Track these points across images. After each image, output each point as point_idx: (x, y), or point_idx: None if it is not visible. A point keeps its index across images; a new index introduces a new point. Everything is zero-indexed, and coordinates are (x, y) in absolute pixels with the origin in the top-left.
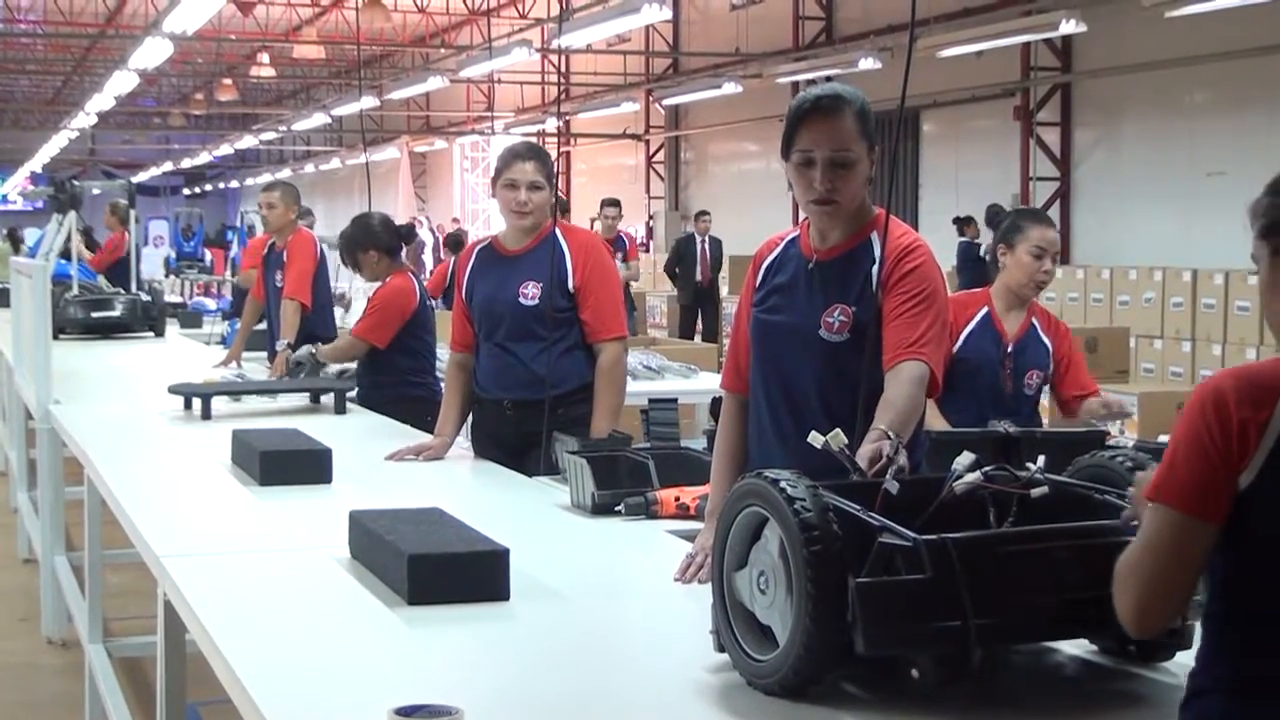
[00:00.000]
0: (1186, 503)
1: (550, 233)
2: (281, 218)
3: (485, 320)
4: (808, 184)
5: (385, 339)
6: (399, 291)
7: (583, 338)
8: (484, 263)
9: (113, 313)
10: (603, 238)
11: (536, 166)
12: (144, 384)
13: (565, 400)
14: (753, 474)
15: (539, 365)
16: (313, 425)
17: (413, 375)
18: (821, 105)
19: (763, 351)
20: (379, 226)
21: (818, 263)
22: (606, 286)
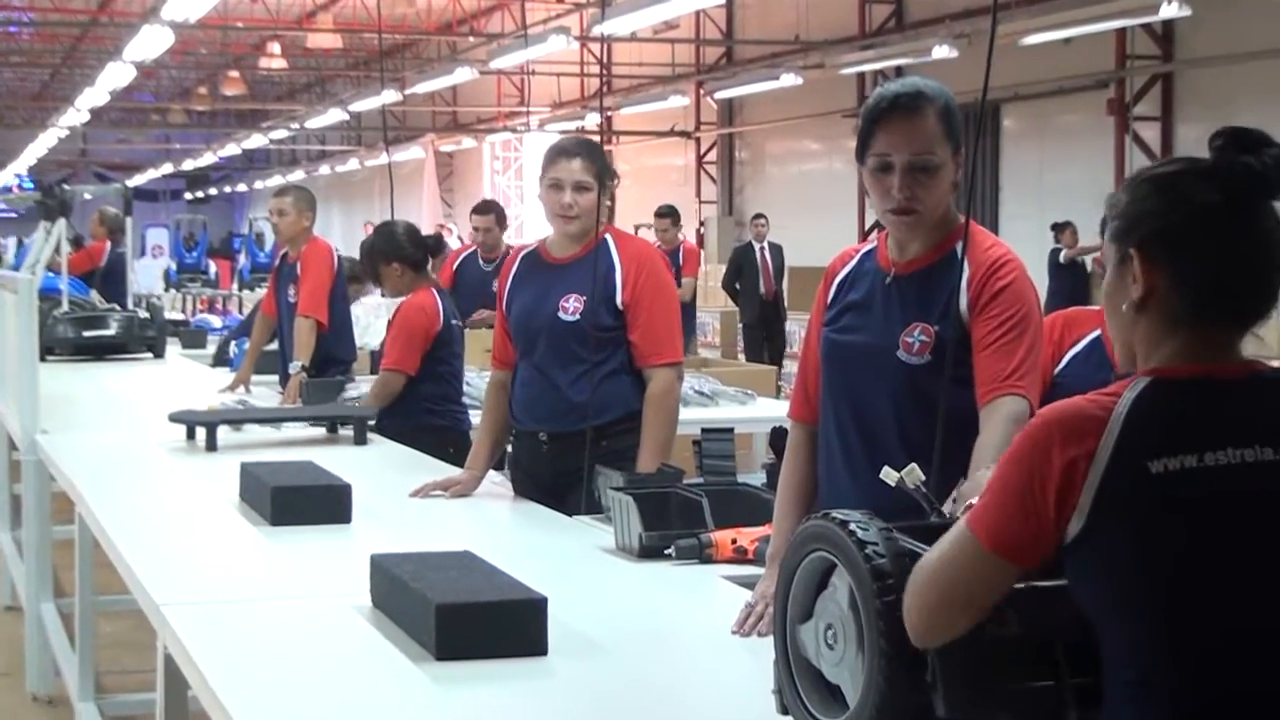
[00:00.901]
0: (995, 540)
1: (600, 241)
2: (294, 225)
3: (521, 336)
4: (885, 191)
5: (417, 364)
6: (418, 310)
7: (630, 361)
8: (526, 271)
9: (107, 331)
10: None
11: (584, 164)
12: (142, 411)
13: (608, 431)
14: (819, 514)
15: (578, 392)
16: (330, 457)
17: (434, 403)
18: (901, 104)
19: (834, 375)
20: (404, 236)
21: (896, 277)
22: (660, 304)
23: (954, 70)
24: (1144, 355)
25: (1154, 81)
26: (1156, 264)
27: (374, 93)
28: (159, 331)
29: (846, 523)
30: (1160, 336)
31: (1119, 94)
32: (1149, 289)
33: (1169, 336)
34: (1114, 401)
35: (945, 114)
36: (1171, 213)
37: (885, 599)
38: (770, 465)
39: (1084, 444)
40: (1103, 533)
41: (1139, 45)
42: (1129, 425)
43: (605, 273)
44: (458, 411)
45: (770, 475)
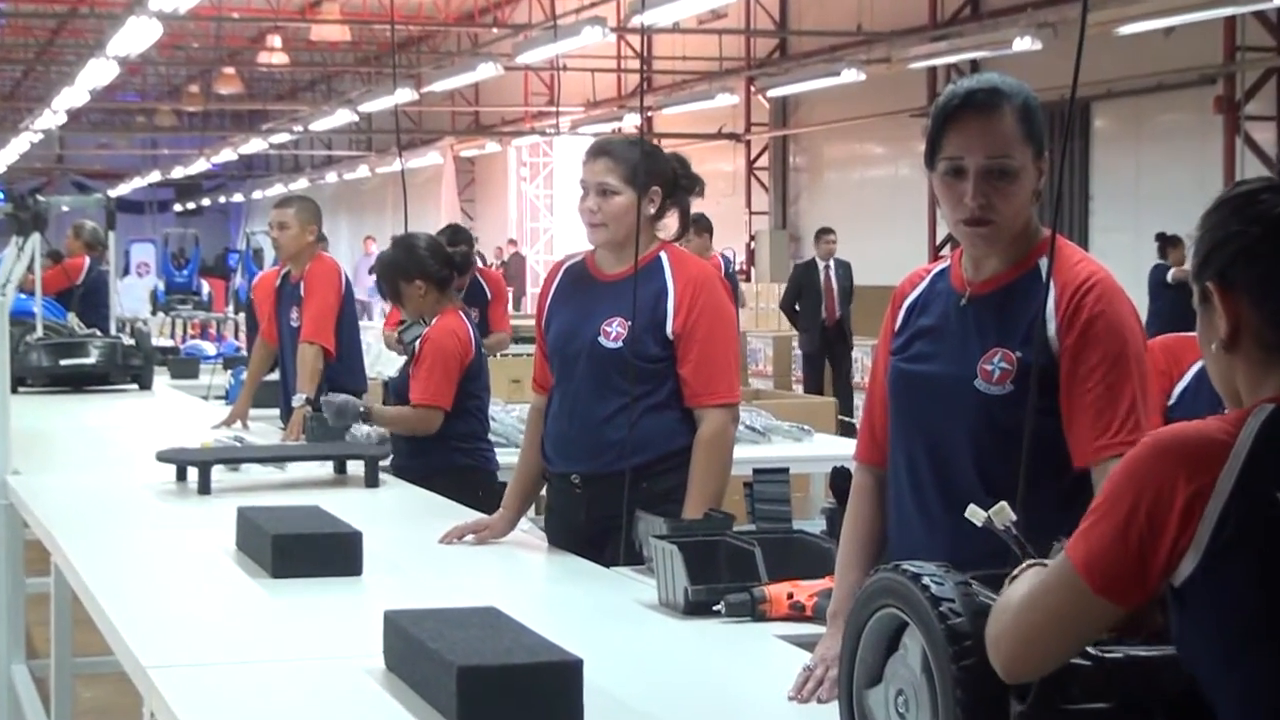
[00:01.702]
0: (1095, 575)
1: (653, 258)
2: (297, 240)
3: (559, 360)
4: (957, 199)
5: (451, 398)
6: (450, 336)
7: (679, 396)
8: (569, 286)
9: (86, 360)
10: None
11: (609, 164)
12: (126, 449)
13: (649, 471)
14: (888, 566)
15: (616, 428)
16: (338, 501)
17: (461, 440)
18: (975, 101)
19: (904, 409)
20: (426, 251)
21: (972, 298)
22: (718, 336)
23: (1037, 64)
24: (1249, 393)
25: (1268, 76)
26: (1237, 293)
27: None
28: (145, 360)
29: (919, 576)
30: (1261, 372)
31: (1228, 90)
32: (1234, 322)
33: (1271, 369)
34: (1235, 428)
35: (1025, 113)
36: (1250, 228)
37: (963, 663)
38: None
39: (1209, 473)
40: (1222, 570)
41: (1250, 35)
42: (1255, 453)
43: (655, 295)
44: (486, 449)
45: (831, 521)
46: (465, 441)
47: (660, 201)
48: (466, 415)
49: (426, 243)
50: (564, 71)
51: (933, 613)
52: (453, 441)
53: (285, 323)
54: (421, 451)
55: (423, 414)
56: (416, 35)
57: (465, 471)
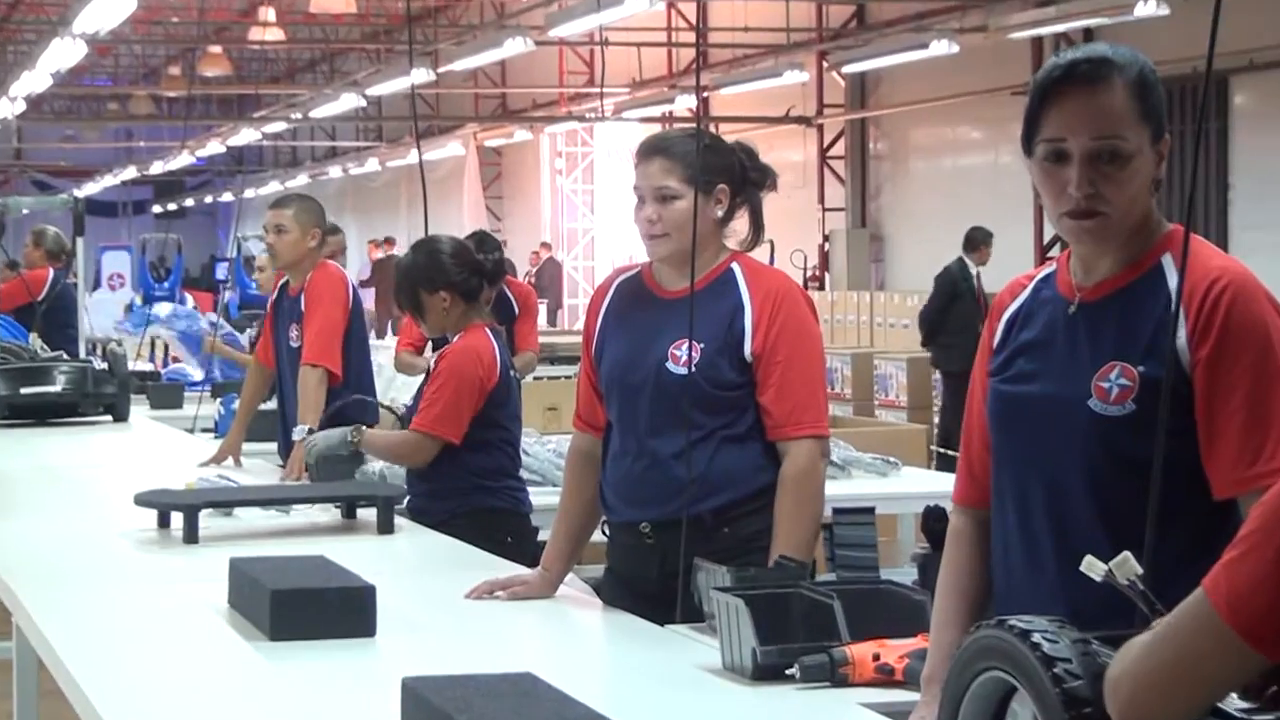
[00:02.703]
0: (1240, 617)
1: (724, 269)
2: (296, 246)
3: (618, 392)
4: (1059, 188)
5: (463, 429)
6: (471, 357)
7: (761, 426)
8: (624, 306)
9: (50, 387)
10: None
11: (666, 164)
12: (99, 491)
13: (730, 514)
14: (993, 622)
15: (683, 467)
16: (347, 551)
17: (487, 478)
18: (1079, 74)
19: (1006, 438)
20: (451, 256)
21: (1083, 305)
22: (801, 358)
23: (1164, 33)
24: None
25: None
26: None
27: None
28: (120, 387)
29: (1029, 633)
30: None
31: None
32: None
33: None
34: None
35: (1140, 87)
36: None
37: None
38: (924, 557)
39: None
40: None
41: None
42: None
43: (729, 313)
44: (517, 489)
45: (924, 570)
46: (492, 479)
47: (728, 201)
48: (493, 449)
49: (451, 247)
50: (606, 46)
51: (1045, 676)
52: (478, 479)
53: (283, 342)
54: (442, 491)
55: (417, 442)
56: (434, 6)
57: (493, 514)
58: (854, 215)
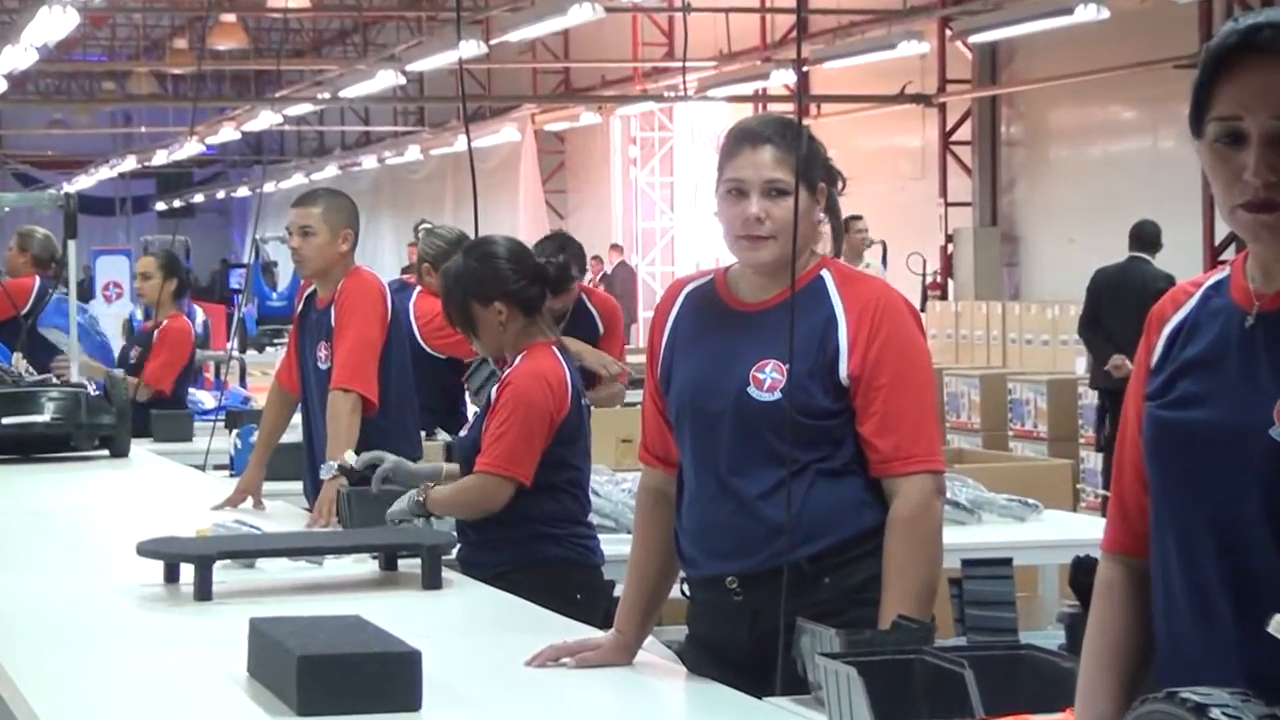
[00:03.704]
0: None
1: (814, 278)
2: (325, 251)
3: (692, 421)
4: (1234, 176)
5: (533, 467)
6: (539, 384)
7: (860, 462)
8: (695, 319)
9: (37, 417)
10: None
11: (777, 154)
12: (95, 540)
13: (831, 562)
14: (1160, 696)
15: (779, 507)
16: (387, 609)
17: (551, 524)
18: (1259, 41)
19: (1168, 473)
20: (508, 261)
21: (1262, 316)
22: (909, 380)
23: None
24: None
25: None
26: None
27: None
28: (119, 417)
29: (1205, 708)
30: None
31: None
32: None
33: None
34: None
35: None
36: None
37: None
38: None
39: None
40: None
41: None
42: None
43: (821, 328)
44: (585, 536)
45: (1071, 632)
46: (557, 526)
47: (825, 201)
48: (559, 491)
49: (508, 249)
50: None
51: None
52: (540, 526)
53: (310, 363)
54: (498, 540)
55: (488, 486)
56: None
57: (558, 566)
58: (983, 212)
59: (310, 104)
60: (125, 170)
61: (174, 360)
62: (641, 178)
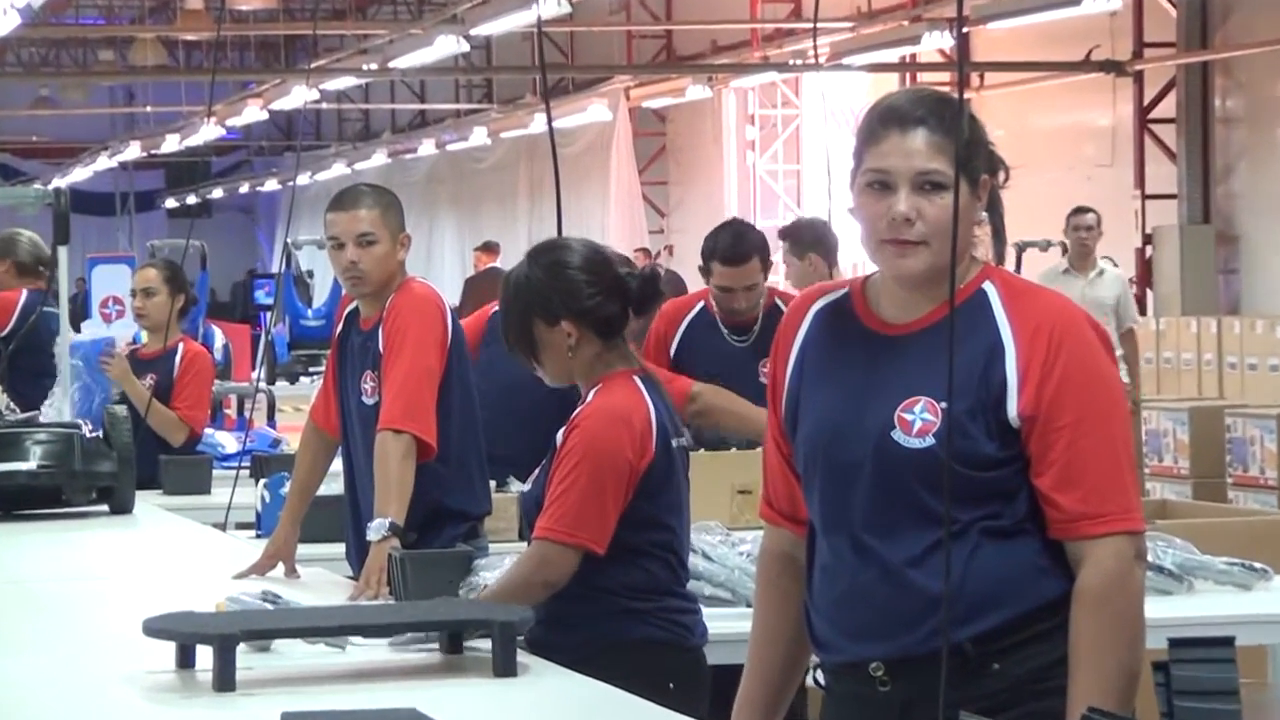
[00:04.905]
0: None
1: (975, 291)
2: (388, 261)
3: (822, 469)
4: None
5: (609, 533)
6: (617, 425)
7: (1037, 519)
8: (827, 345)
9: (22, 464)
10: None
11: (931, 139)
12: (92, 616)
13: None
14: None
15: (932, 575)
16: (450, 700)
17: (637, 596)
18: None
19: None
20: (583, 270)
21: None
22: (1096, 420)
23: None
24: None
25: None
26: None
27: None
28: (121, 464)
29: None
30: None
31: None
32: None
33: None
34: None
35: None
36: None
37: None
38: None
39: None
40: None
41: None
42: None
43: (984, 355)
44: (680, 610)
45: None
46: (644, 598)
47: (987, 196)
48: (644, 555)
49: (583, 256)
50: None
51: None
52: (621, 600)
53: (353, 397)
54: (571, 617)
55: (547, 557)
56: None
57: (644, 649)
58: (1191, 205)
59: (353, 77)
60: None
61: (206, 393)
62: (761, 165)
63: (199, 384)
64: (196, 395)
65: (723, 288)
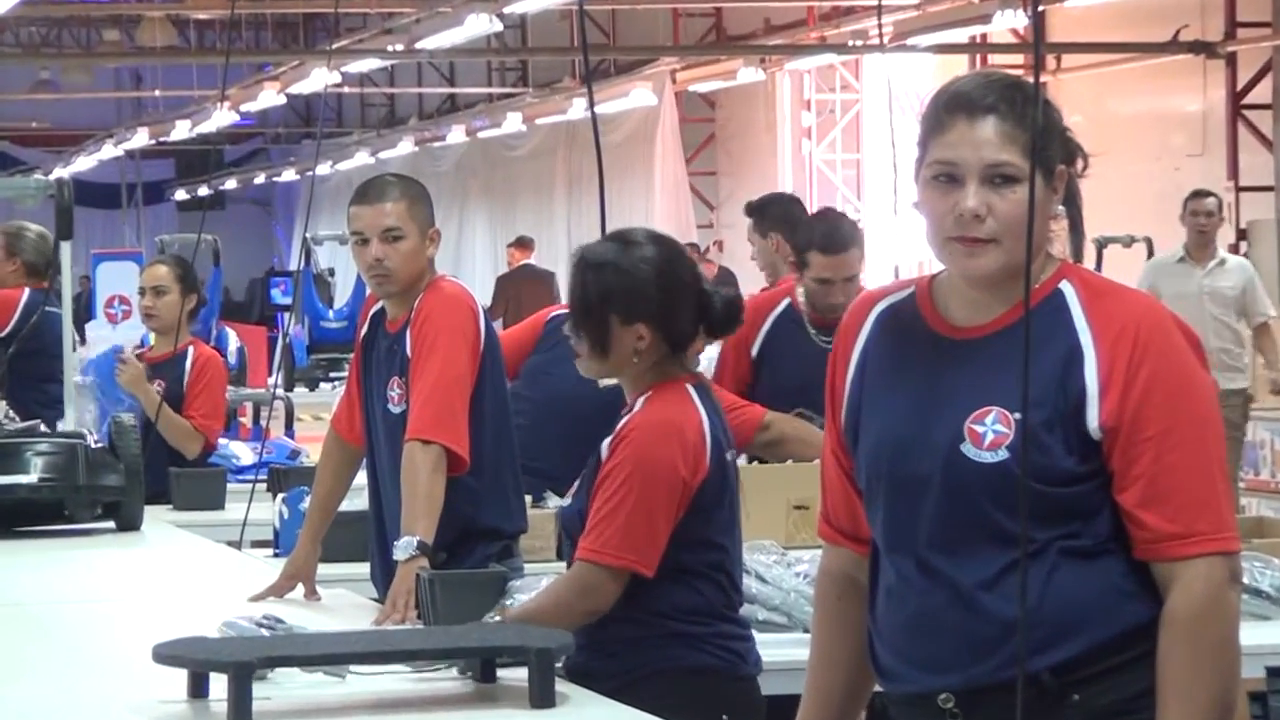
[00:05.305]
0: None
1: (1051, 292)
2: (416, 259)
3: (887, 488)
4: None
5: (659, 555)
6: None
7: (1121, 539)
8: (891, 350)
9: (23, 477)
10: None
11: (1005, 130)
12: (98, 642)
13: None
14: None
15: (1005, 599)
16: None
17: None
18: None
19: None
20: (676, 280)
21: None
22: (1186, 432)
23: None
24: None
25: None
26: None
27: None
28: (129, 477)
29: None
30: None
31: None
32: None
33: None
34: None
35: None
36: None
37: None
38: None
39: None
40: None
41: None
42: None
43: (1061, 362)
44: (733, 637)
45: None
46: (695, 622)
47: (1064, 187)
48: (697, 577)
49: (681, 262)
50: None
51: None
52: (673, 623)
53: (378, 405)
54: (616, 643)
55: (588, 582)
56: None
57: (697, 677)
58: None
59: (377, 58)
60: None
61: (220, 401)
62: (818, 154)
63: (213, 391)
64: (211, 403)
65: (821, 280)
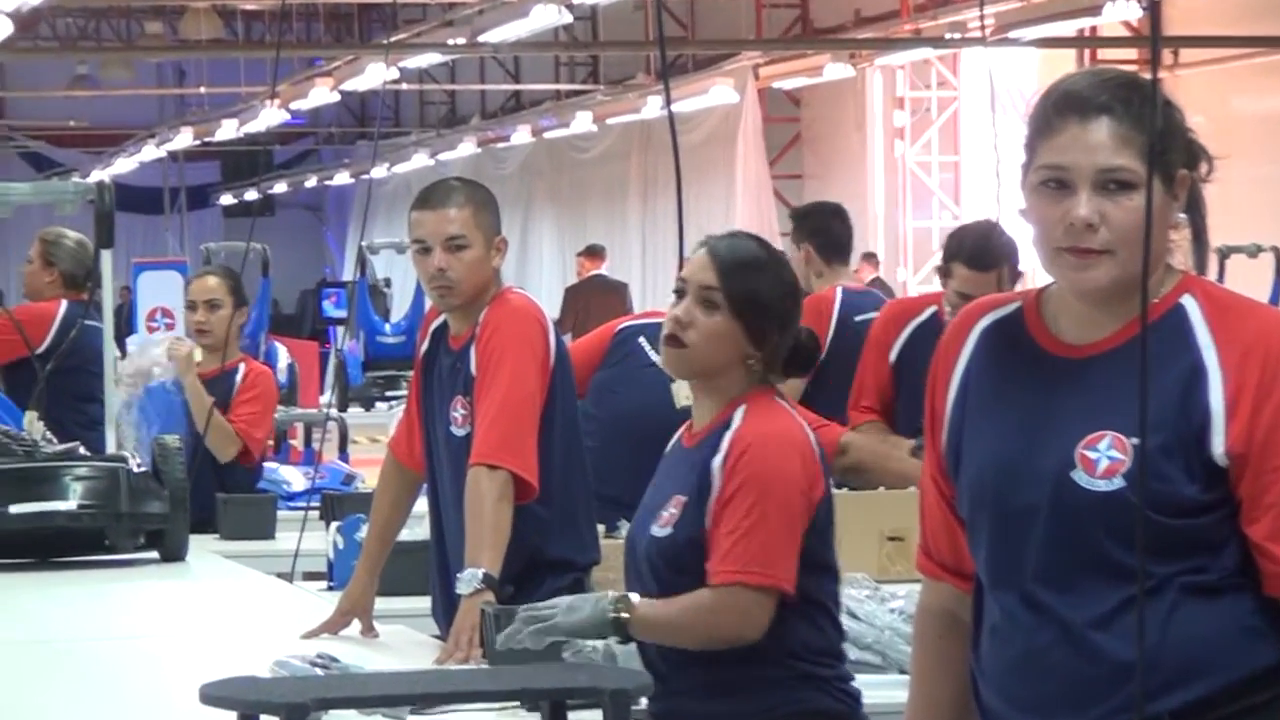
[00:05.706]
0: None
1: (1175, 305)
2: (480, 269)
3: (992, 519)
4: None
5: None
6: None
7: (1250, 574)
8: (995, 369)
9: (60, 504)
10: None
11: (1120, 132)
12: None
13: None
14: None
15: (1122, 639)
16: None
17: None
18: None
19: None
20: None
21: None
22: None
23: None
24: None
25: None
26: None
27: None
28: (174, 504)
29: None
30: None
31: None
32: None
33: None
34: None
35: None
36: None
37: None
38: None
39: None
40: None
41: None
42: None
43: (1182, 382)
44: (851, 680)
45: None
46: (824, 663)
47: (1185, 193)
48: (816, 609)
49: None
50: None
51: None
52: (804, 663)
53: (439, 427)
54: (727, 683)
55: (741, 605)
56: None
57: None
58: None
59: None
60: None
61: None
62: (911, 156)
63: (261, 403)
64: (257, 414)
65: (963, 294)
